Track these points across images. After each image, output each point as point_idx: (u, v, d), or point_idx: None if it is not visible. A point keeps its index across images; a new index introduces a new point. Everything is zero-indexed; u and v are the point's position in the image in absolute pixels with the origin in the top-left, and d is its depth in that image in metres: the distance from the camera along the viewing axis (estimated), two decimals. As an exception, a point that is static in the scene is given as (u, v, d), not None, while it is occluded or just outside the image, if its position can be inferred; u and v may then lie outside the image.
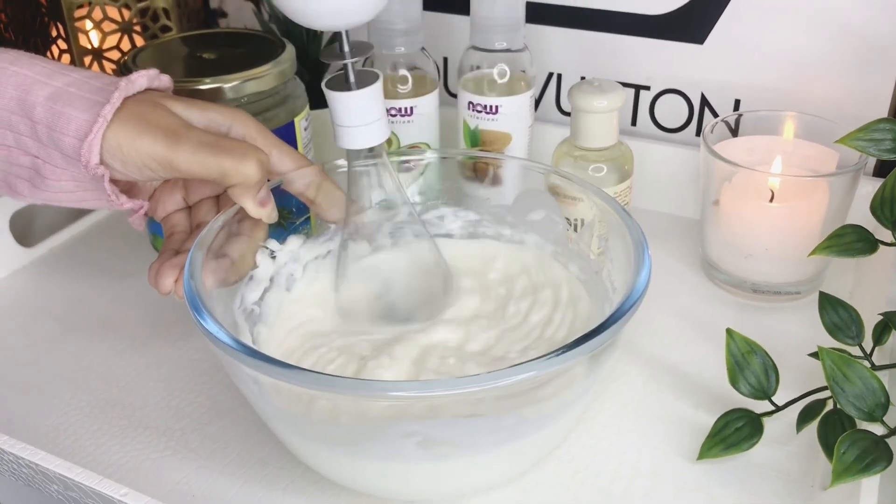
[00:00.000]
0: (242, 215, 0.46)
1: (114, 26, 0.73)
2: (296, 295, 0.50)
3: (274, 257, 0.49)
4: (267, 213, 0.45)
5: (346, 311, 0.49)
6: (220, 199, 0.49)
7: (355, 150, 0.46)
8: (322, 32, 0.69)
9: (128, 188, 0.47)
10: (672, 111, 0.69)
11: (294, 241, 0.50)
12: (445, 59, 0.75)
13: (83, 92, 0.43)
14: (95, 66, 0.73)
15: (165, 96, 0.45)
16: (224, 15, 0.84)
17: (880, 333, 0.46)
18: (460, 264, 0.52)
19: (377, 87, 0.44)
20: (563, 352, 0.36)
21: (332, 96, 0.44)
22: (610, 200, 0.46)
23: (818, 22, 0.61)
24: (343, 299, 0.49)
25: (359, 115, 0.44)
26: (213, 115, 0.46)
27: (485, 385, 0.35)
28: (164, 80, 0.47)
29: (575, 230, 0.51)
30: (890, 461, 0.38)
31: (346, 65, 0.43)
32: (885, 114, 0.61)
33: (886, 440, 0.39)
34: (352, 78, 0.44)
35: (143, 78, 0.45)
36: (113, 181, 0.45)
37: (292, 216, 0.51)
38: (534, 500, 0.43)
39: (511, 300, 0.50)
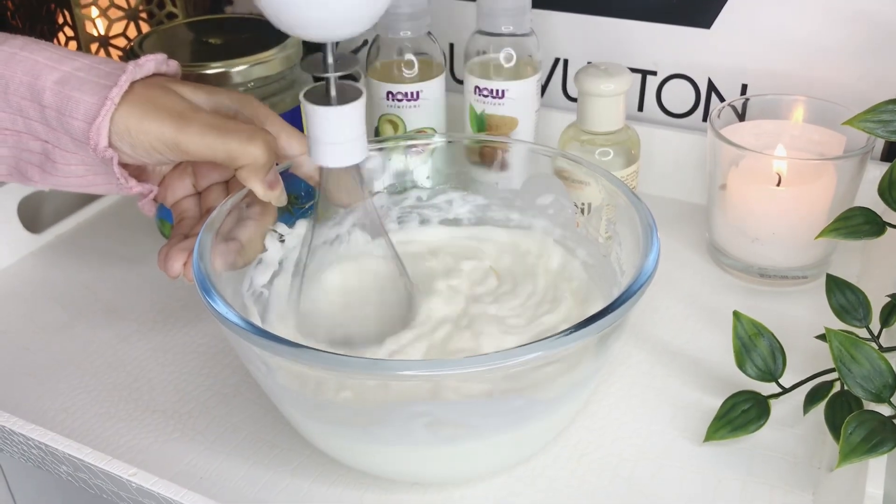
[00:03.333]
0: (251, 199, 0.46)
1: (120, 13, 0.73)
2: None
3: (283, 241, 0.49)
4: (276, 195, 0.45)
5: (306, 333, 0.47)
6: (230, 184, 0.49)
7: (328, 168, 0.43)
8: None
9: (137, 173, 0.47)
10: (679, 96, 0.69)
11: (303, 225, 0.50)
12: (451, 46, 0.75)
13: (91, 76, 0.43)
14: (102, 53, 0.73)
15: (173, 80, 0.46)
16: (230, 2, 0.84)
17: (888, 315, 0.46)
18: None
19: (359, 104, 0.41)
20: (572, 332, 0.36)
21: (310, 109, 0.41)
22: (618, 183, 0.46)
23: (825, 5, 0.61)
24: (304, 324, 0.47)
25: (336, 132, 0.41)
26: (220, 98, 0.46)
27: (493, 365, 0.35)
28: (172, 66, 0.47)
29: (582, 214, 0.51)
30: (897, 442, 0.38)
31: (328, 79, 0.41)
32: (893, 97, 0.61)
33: (894, 421, 0.39)
34: (333, 92, 0.41)
35: (151, 62, 0.45)
36: (122, 165, 0.45)
37: (299, 201, 0.51)
38: (541, 482, 0.43)
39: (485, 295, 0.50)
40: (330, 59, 0.40)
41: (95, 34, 0.72)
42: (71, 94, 0.42)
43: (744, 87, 0.66)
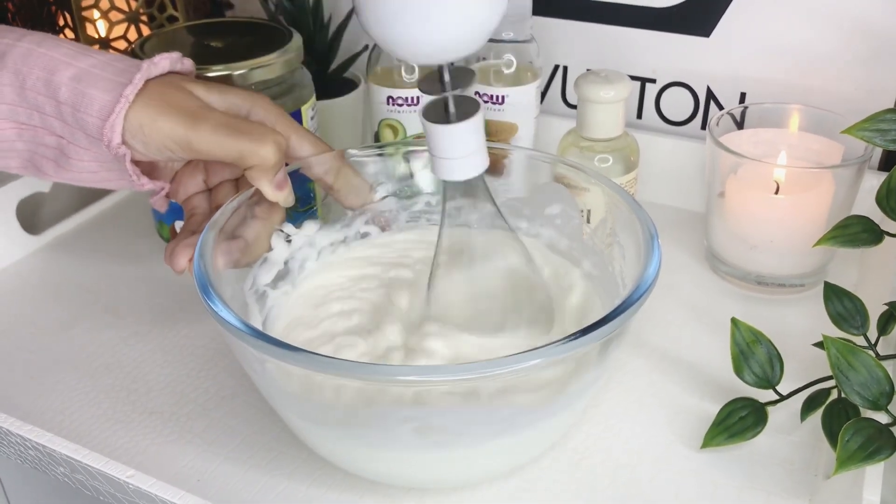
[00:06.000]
0: (259, 198, 0.46)
1: (121, 16, 0.73)
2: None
3: (290, 241, 0.49)
4: (283, 196, 0.45)
5: (438, 312, 0.46)
6: (240, 181, 0.49)
7: (453, 182, 0.43)
8: (328, 21, 0.69)
9: (149, 169, 0.48)
10: (678, 104, 0.69)
11: (310, 226, 0.50)
12: (451, 51, 0.75)
13: (107, 73, 0.43)
14: (102, 55, 0.73)
15: (187, 79, 0.46)
16: (230, 6, 0.84)
17: (885, 323, 0.46)
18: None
19: (478, 117, 0.41)
20: (571, 340, 0.36)
21: (431, 129, 0.41)
22: (619, 190, 0.46)
23: (824, 14, 0.61)
24: (438, 301, 0.47)
25: (459, 147, 0.41)
26: (233, 98, 0.46)
27: (490, 372, 0.35)
28: (187, 64, 0.47)
29: (583, 220, 0.51)
30: (894, 449, 0.38)
31: (446, 97, 0.41)
32: (890, 106, 0.61)
33: (891, 429, 0.39)
34: (452, 109, 0.41)
35: (166, 60, 0.45)
36: (135, 162, 0.45)
37: (300, 204, 0.51)
38: (538, 487, 0.44)
39: None
40: (447, 78, 0.40)
41: (96, 37, 0.72)
42: (86, 91, 0.43)
43: (742, 96, 0.66)
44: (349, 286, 0.50)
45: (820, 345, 0.44)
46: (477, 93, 0.60)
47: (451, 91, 0.41)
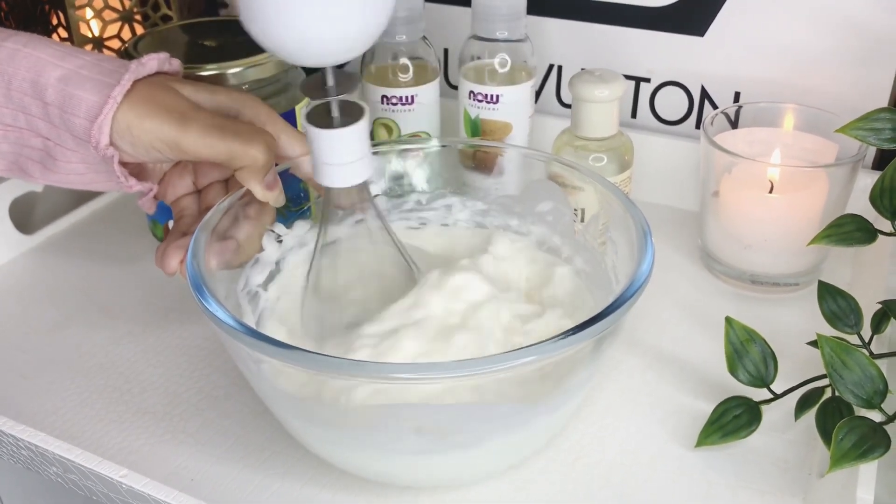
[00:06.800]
0: (249, 199, 0.46)
1: (114, 15, 0.72)
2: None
3: (280, 241, 0.49)
4: (274, 196, 0.45)
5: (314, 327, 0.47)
6: (229, 182, 0.49)
7: (336, 189, 0.43)
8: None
9: (137, 171, 0.48)
10: (672, 103, 0.69)
11: (301, 226, 0.50)
12: (446, 51, 0.75)
13: (94, 74, 0.43)
14: (96, 54, 0.73)
15: (175, 79, 0.46)
16: (225, 5, 0.84)
17: (879, 322, 0.46)
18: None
19: (363, 123, 0.41)
20: (565, 337, 0.36)
21: (314, 133, 0.41)
22: (613, 188, 0.46)
23: (818, 14, 0.61)
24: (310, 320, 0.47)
25: (342, 153, 0.41)
26: (222, 98, 0.46)
27: (484, 369, 0.35)
28: (175, 64, 0.47)
29: (577, 218, 0.51)
30: (888, 448, 0.38)
31: (329, 101, 0.40)
32: (885, 105, 0.61)
33: (885, 427, 0.40)
34: (336, 114, 0.41)
35: (154, 61, 0.45)
36: (123, 164, 0.45)
37: (293, 204, 0.51)
38: (533, 487, 0.43)
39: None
40: (330, 82, 0.40)
41: (90, 36, 0.72)
42: (73, 92, 0.43)
43: (737, 95, 0.66)
44: None
45: (814, 343, 0.44)
46: (472, 92, 0.60)
47: (334, 96, 0.40)
